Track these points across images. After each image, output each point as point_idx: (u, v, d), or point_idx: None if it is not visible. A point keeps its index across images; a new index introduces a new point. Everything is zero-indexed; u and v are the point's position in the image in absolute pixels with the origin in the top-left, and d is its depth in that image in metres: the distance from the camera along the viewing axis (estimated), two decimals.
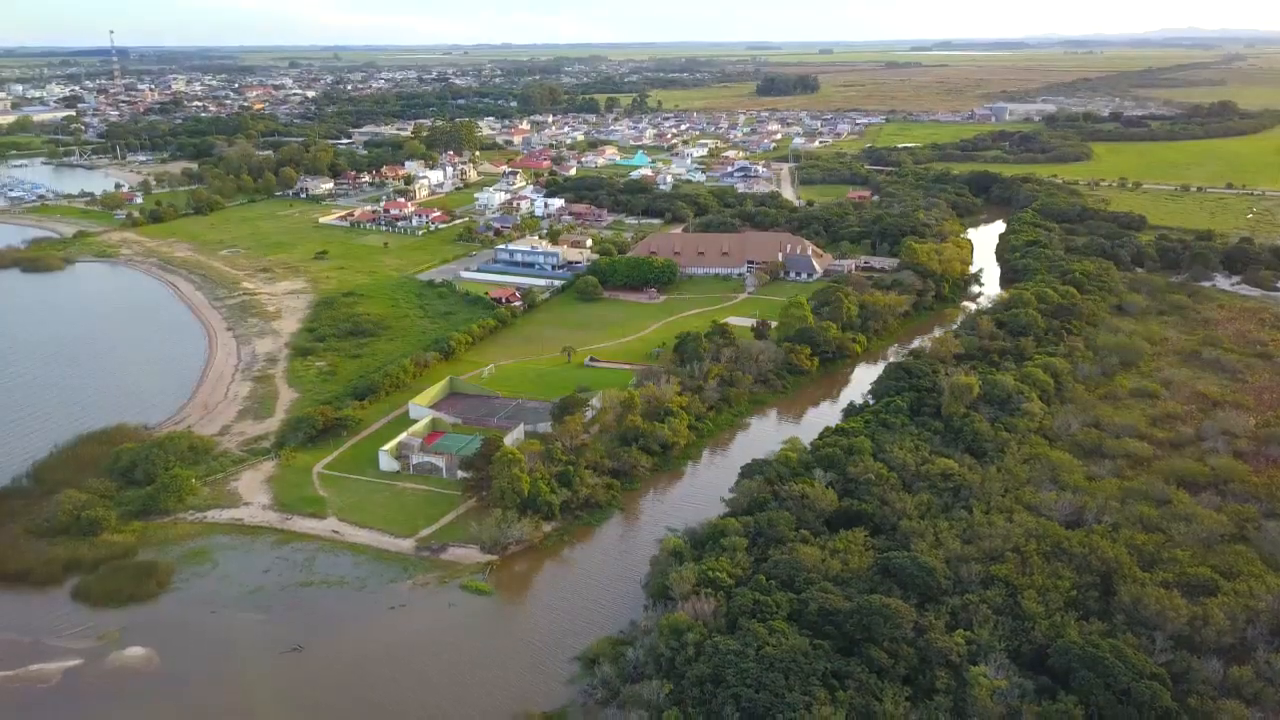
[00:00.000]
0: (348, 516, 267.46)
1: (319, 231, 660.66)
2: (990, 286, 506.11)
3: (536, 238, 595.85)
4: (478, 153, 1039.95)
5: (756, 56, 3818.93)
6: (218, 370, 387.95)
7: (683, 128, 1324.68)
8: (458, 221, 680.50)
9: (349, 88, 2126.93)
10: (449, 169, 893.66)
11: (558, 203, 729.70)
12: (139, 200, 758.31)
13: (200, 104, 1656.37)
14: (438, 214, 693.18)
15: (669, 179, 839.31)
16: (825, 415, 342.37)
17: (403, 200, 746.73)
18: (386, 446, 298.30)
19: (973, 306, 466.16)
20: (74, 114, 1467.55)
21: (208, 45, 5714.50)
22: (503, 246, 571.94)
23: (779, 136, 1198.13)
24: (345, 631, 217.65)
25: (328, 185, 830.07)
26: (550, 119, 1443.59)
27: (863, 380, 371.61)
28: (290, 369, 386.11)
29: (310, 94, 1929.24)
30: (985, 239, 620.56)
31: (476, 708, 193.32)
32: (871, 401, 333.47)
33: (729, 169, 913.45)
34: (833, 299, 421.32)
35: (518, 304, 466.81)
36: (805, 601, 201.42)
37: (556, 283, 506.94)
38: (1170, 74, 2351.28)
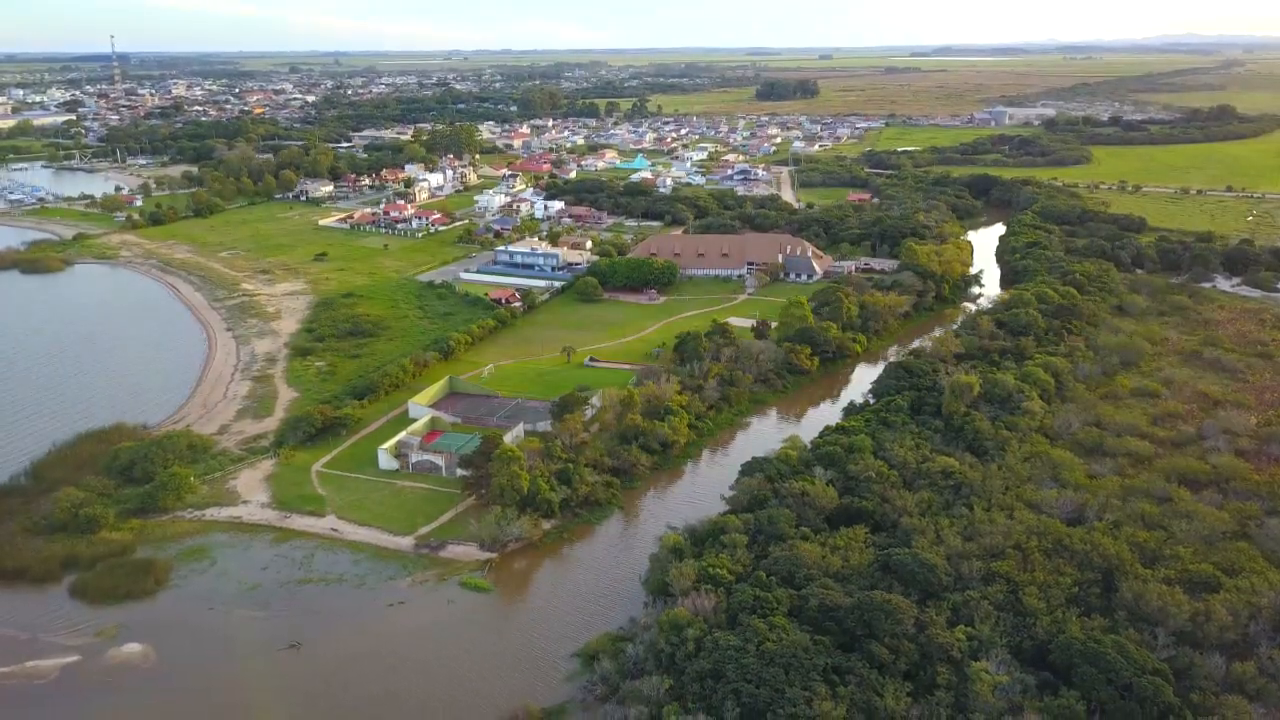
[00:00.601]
0: (346, 514, 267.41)
1: (319, 234, 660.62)
2: (990, 287, 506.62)
3: (536, 239, 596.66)
4: (478, 156, 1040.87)
5: (756, 62, 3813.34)
6: (217, 370, 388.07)
7: (682, 132, 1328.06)
8: (457, 224, 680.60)
9: (349, 92, 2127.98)
10: (449, 172, 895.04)
11: (558, 205, 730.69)
12: (139, 203, 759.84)
13: (200, 108, 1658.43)
14: (437, 216, 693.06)
15: (669, 182, 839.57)
16: (825, 414, 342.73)
17: (402, 203, 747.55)
18: (385, 445, 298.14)
19: (973, 307, 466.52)
20: (74, 118, 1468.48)
21: (208, 50, 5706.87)
22: (502, 248, 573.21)
23: (779, 140, 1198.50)
24: (344, 628, 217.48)
25: (328, 188, 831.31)
26: (550, 123, 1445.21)
27: (863, 380, 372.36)
28: (289, 369, 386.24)
29: (310, 98, 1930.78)
30: (985, 241, 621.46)
31: (476, 704, 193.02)
32: (872, 400, 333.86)
33: (729, 172, 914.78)
34: (833, 299, 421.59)
35: (517, 305, 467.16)
36: (805, 598, 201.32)
37: (556, 284, 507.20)
38: (1169, 79, 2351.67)
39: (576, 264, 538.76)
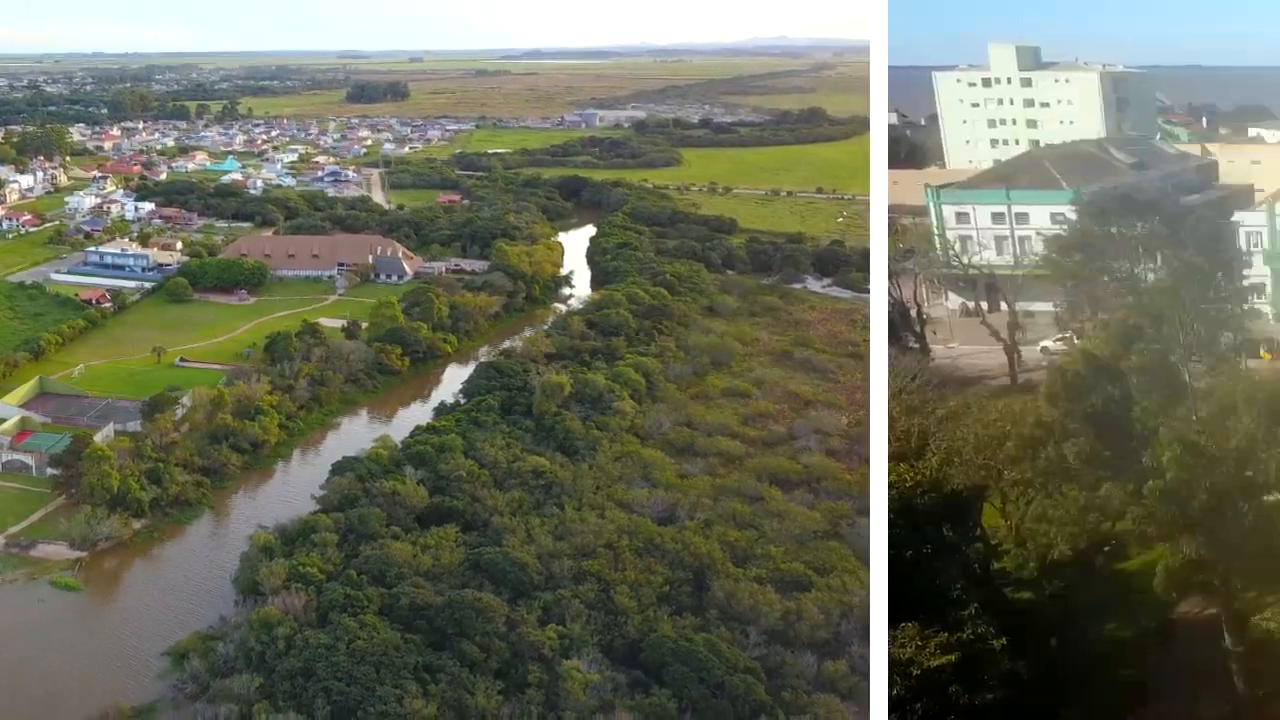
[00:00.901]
0: None
1: None
2: (582, 288, 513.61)
3: (127, 240, 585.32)
4: (69, 158, 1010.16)
5: (347, 65, 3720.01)
6: None
7: (274, 134, 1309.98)
8: (48, 225, 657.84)
9: None
10: (40, 174, 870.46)
11: (148, 206, 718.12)
12: None
13: None
14: (28, 217, 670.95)
15: (259, 183, 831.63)
16: (417, 414, 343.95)
17: None
18: None
19: (564, 308, 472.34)
20: None
21: None
22: (93, 249, 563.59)
23: (369, 142, 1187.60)
24: None
25: None
26: (141, 125, 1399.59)
27: (454, 380, 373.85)
28: None
29: None
30: (576, 242, 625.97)
31: (66, 702, 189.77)
32: (463, 400, 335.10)
33: (319, 174, 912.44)
34: (423, 300, 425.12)
35: (108, 305, 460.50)
36: (397, 596, 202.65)
37: (147, 284, 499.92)
38: (760, 81, 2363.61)
39: (167, 265, 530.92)
